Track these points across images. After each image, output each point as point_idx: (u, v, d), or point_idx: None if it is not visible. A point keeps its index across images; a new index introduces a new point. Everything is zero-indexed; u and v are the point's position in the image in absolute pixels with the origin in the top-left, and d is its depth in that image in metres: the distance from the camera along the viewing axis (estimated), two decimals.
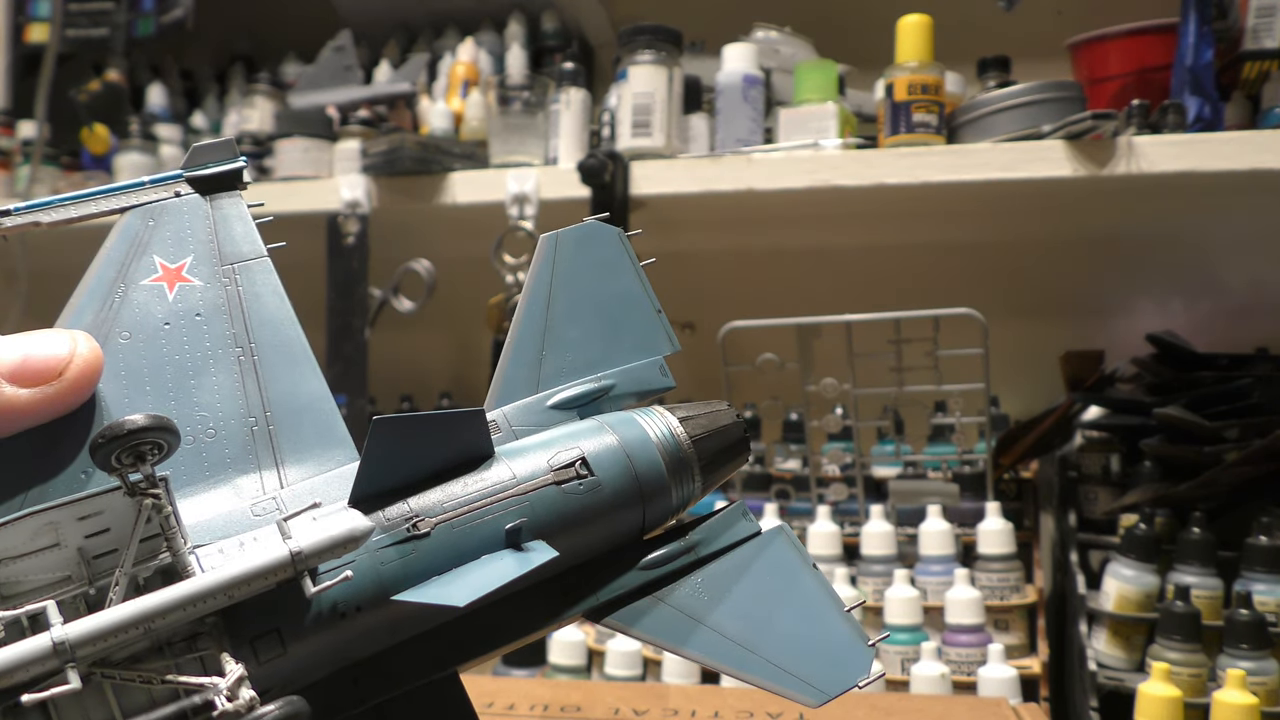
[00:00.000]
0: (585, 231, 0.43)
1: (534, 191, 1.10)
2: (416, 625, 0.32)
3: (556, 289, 0.42)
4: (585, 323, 0.41)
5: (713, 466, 0.38)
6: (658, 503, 0.37)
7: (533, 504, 0.34)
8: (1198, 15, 0.97)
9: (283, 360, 0.36)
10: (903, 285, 1.26)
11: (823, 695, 0.32)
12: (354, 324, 1.14)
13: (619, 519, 0.36)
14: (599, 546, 0.36)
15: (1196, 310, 1.20)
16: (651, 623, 0.35)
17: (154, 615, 0.26)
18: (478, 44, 1.32)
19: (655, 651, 0.92)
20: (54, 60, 1.28)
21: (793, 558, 0.38)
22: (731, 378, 1.00)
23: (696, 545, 0.37)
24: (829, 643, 0.35)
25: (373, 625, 0.31)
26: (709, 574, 0.36)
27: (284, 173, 1.20)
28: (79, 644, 0.25)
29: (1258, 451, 0.85)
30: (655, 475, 0.37)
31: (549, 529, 0.34)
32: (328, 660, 0.30)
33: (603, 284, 0.42)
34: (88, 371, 0.31)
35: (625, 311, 0.42)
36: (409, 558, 0.31)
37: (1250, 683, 0.73)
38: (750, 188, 1.05)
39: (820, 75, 1.08)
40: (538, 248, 0.43)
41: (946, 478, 1.00)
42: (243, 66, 1.49)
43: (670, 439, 0.37)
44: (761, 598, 0.36)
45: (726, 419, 0.39)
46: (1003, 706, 0.74)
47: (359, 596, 0.30)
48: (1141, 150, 0.96)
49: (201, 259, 0.37)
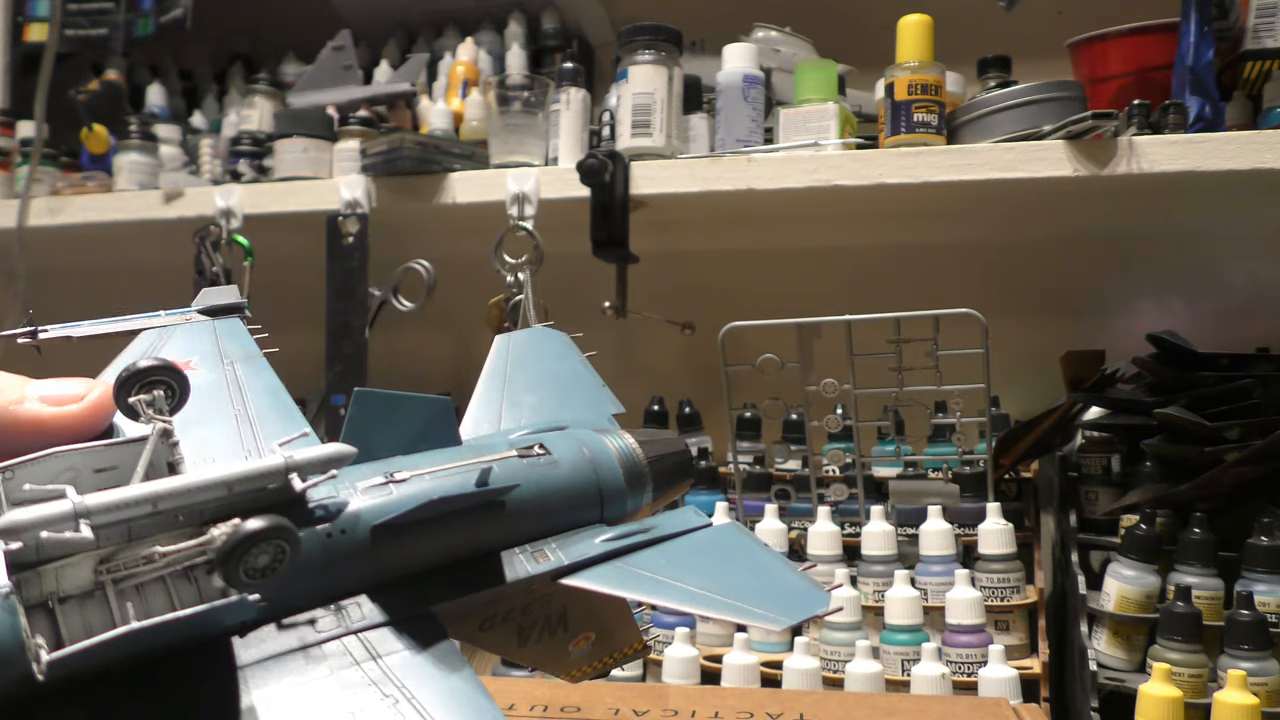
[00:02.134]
0: (536, 332, 0.49)
1: (534, 191, 1.09)
2: (396, 562, 0.33)
3: (512, 369, 0.46)
4: (540, 391, 0.45)
5: (663, 481, 0.42)
6: (614, 505, 0.40)
7: (498, 466, 0.37)
8: (1198, 15, 0.97)
9: (277, 416, 0.40)
10: (903, 285, 1.26)
11: (785, 621, 0.34)
12: (353, 324, 1.14)
13: (578, 500, 0.39)
14: (560, 520, 0.38)
15: (1197, 310, 1.20)
16: (614, 578, 0.37)
17: (160, 496, 0.28)
18: (477, 44, 1.32)
19: (655, 652, 0.91)
20: (53, 60, 1.28)
21: (746, 539, 0.41)
22: (731, 378, 1.00)
23: (652, 529, 0.39)
24: (787, 588, 0.37)
25: (354, 550, 0.32)
26: (666, 548, 0.39)
27: (283, 173, 1.20)
28: (95, 510, 0.27)
29: (1259, 451, 0.85)
30: (613, 478, 0.40)
31: (509, 489, 0.37)
32: (313, 584, 0.32)
33: (553, 365, 0.47)
34: (106, 398, 0.34)
35: (575, 383, 0.47)
36: (389, 497, 0.34)
37: (1251, 683, 0.73)
38: (750, 188, 1.05)
39: (820, 75, 1.07)
40: (494, 344, 0.48)
41: (947, 478, 1.00)
42: (242, 66, 1.49)
43: (627, 451, 0.41)
44: (719, 561, 0.39)
45: (678, 445, 0.44)
46: (1003, 707, 0.74)
47: (342, 521, 0.32)
48: (1142, 150, 0.96)
49: (205, 358, 0.42)
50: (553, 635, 0.40)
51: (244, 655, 0.30)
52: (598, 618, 0.41)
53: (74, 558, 0.28)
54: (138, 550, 0.29)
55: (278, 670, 0.29)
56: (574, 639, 0.40)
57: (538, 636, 0.39)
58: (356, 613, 0.32)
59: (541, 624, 0.39)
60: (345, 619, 0.32)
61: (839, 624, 0.89)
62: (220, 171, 1.28)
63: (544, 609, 0.39)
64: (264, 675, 0.29)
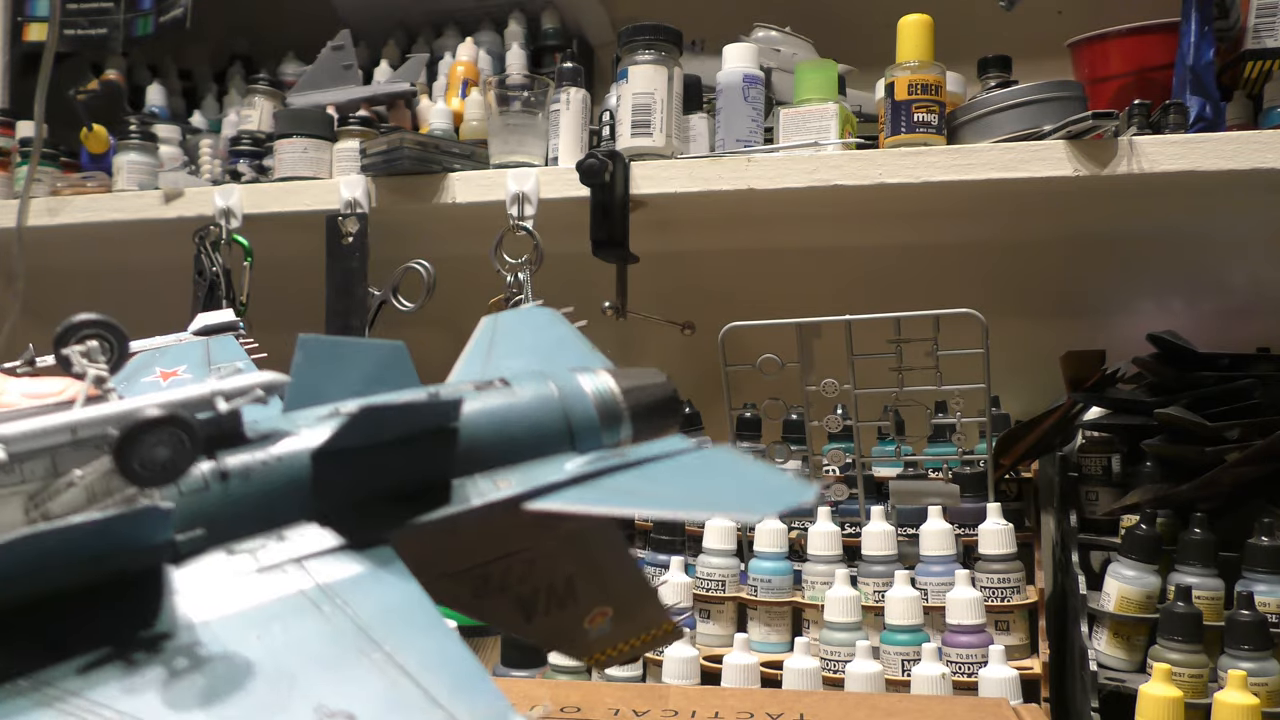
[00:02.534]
0: (524, 310, 0.48)
1: (534, 191, 1.09)
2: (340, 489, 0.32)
3: (498, 339, 0.45)
4: (523, 357, 0.43)
5: (643, 417, 0.39)
6: (586, 439, 0.38)
7: (446, 392, 0.35)
8: (1199, 15, 0.97)
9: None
10: (903, 285, 1.26)
11: (761, 511, 0.34)
12: (353, 324, 1.14)
13: (543, 431, 0.37)
14: (525, 452, 0.36)
15: (1198, 310, 1.19)
16: (585, 496, 0.35)
17: (80, 424, 0.27)
18: (477, 44, 1.32)
19: (655, 652, 0.91)
20: (53, 60, 1.28)
21: (735, 454, 0.39)
22: (731, 378, 1.00)
23: (629, 455, 0.37)
24: (769, 485, 0.35)
25: (294, 477, 0.31)
26: (644, 469, 0.37)
27: (283, 173, 1.20)
28: (13, 437, 0.27)
29: (1259, 451, 0.85)
30: (583, 411, 0.38)
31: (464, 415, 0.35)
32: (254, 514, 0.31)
33: (540, 335, 0.45)
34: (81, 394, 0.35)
35: (562, 346, 0.44)
36: (332, 426, 0.32)
37: (1252, 683, 0.73)
38: (750, 188, 1.05)
39: (820, 75, 1.07)
40: (480, 323, 0.46)
41: (947, 478, 1.00)
42: (242, 66, 1.49)
43: (600, 386, 0.39)
44: (700, 475, 0.37)
45: (658, 379, 0.41)
46: (1003, 707, 0.74)
47: (281, 447, 0.31)
48: (1143, 150, 0.96)
49: (195, 366, 0.43)
50: (561, 608, 0.37)
51: (181, 582, 0.29)
52: (610, 589, 0.39)
53: (3, 493, 0.28)
54: (60, 481, 0.28)
55: (213, 595, 0.29)
56: (588, 614, 0.38)
57: (545, 608, 0.37)
58: (300, 541, 0.31)
59: (546, 594, 0.38)
60: (286, 547, 0.30)
61: (839, 624, 0.89)
62: (220, 171, 1.28)
63: (546, 575, 0.37)
64: (198, 600, 0.28)
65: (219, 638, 0.27)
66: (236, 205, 1.19)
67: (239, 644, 0.27)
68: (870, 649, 0.85)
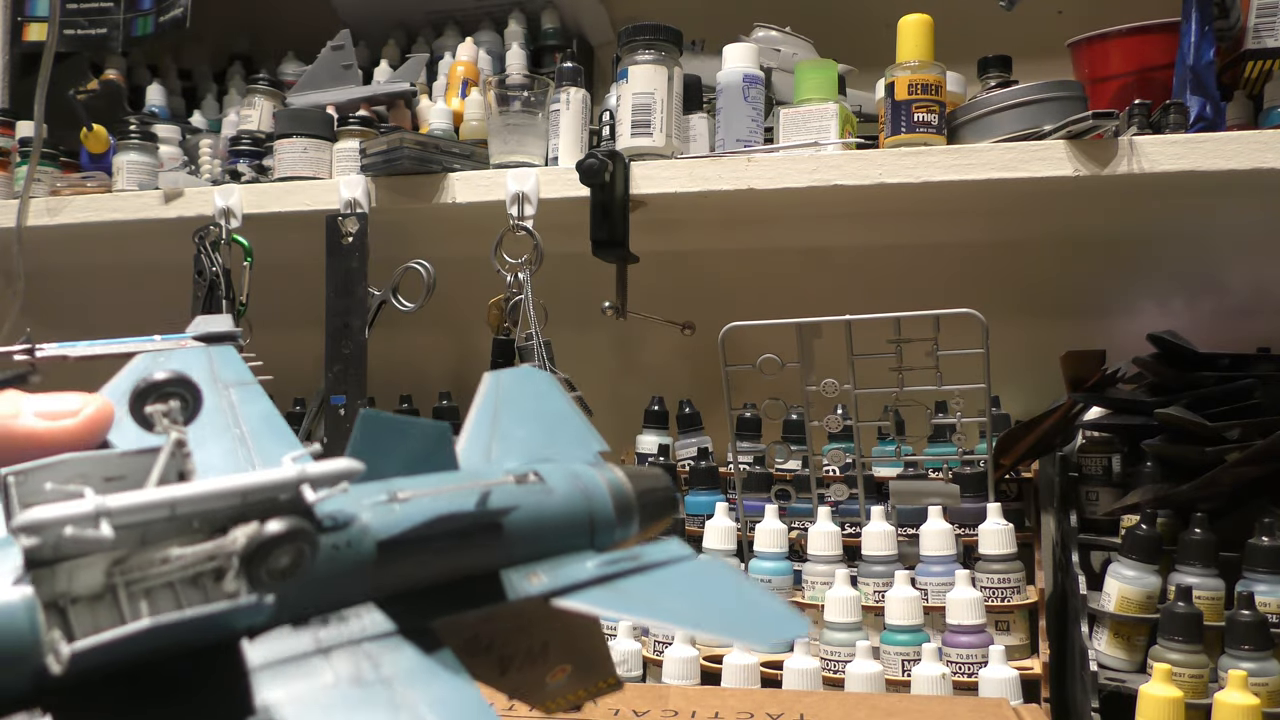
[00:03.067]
0: (523, 371, 0.50)
1: (534, 191, 1.09)
2: (399, 577, 0.34)
3: (501, 405, 0.47)
4: (528, 425, 0.46)
5: (649, 515, 0.43)
6: (604, 534, 0.41)
7: (495, 490, 0.38)
8: (1199, 14, 0.97)
9: (273, 440, 0.41)
10: (903, 285, 1.26)
11: (768, 640, 0.36)
12: (353, 324, 1.14)
13: (571, 527, 0.40)
14: (552, 546, 0.39)
15: (1198, 310, 1.19)
16: (604, 599, 0.37)
17: (179, 501, 0.28)
18: (477, 44, 1.32)
19: (655, 653, 0.91)
20: (52, 60, 1.28)
21: (727, 569, 0.42)
22: (731, 378, 1.00)
23: (640, 557, 0.40)
24: (768, 613, 0.38)
25: (359, 563, 0.33)
26: (654, 574, 0.39)
27: (283, 172, 1.19)
28: (116, 511, 0.27)
29: (1260, 451, 0.84)
30: (603, 508, 0.41)
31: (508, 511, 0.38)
32: (319, 594, 0.32)
33: (541, 404, 0.48)
34: (102, 413, 0.35)
35: (562, 421, 0.48)
36: (393, 514, 0.34)
37: (1252, 684, 0.73)
38: (750, 187, 1.05)
39: (820, 75, 1.07)
40: (482, 381, 0.48)
41: (947, 478, 1.00)
42: (242, 66, 1.49)
43: (617, 483, 0.42)
44: (706, 588, 0.40)
45: (664, 481, 0.45)
46: (1004, 707, 0.74)
47: (349, 534, 0.33)
48: (1143, 150, 0.96)
49: (201, 382, 0.41)
50: (533, 666, 0.41)
51: (253, 658, 0.30)
52: (576, 650, 0.42)
53: (87, 558, 0.28)
54: (151, 553, 0.29)
55: (285, 674, 0.30)
56: (552, 671, 0.41)
57: (519, 666, 0.40)
58: (358, 624, 0.32)
59: (524, 654, 0.40)
60: (349, 628, 0.32)
61: (839, 624, 0.89)
62: (220, 171, 1.28)
63: (527, 639, 0.40)
64: (272, 678, 0.30)
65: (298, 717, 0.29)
66: (236, 205, 1.19)
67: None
68: (870, 649, 0.85)
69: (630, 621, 0.37)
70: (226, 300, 1.19)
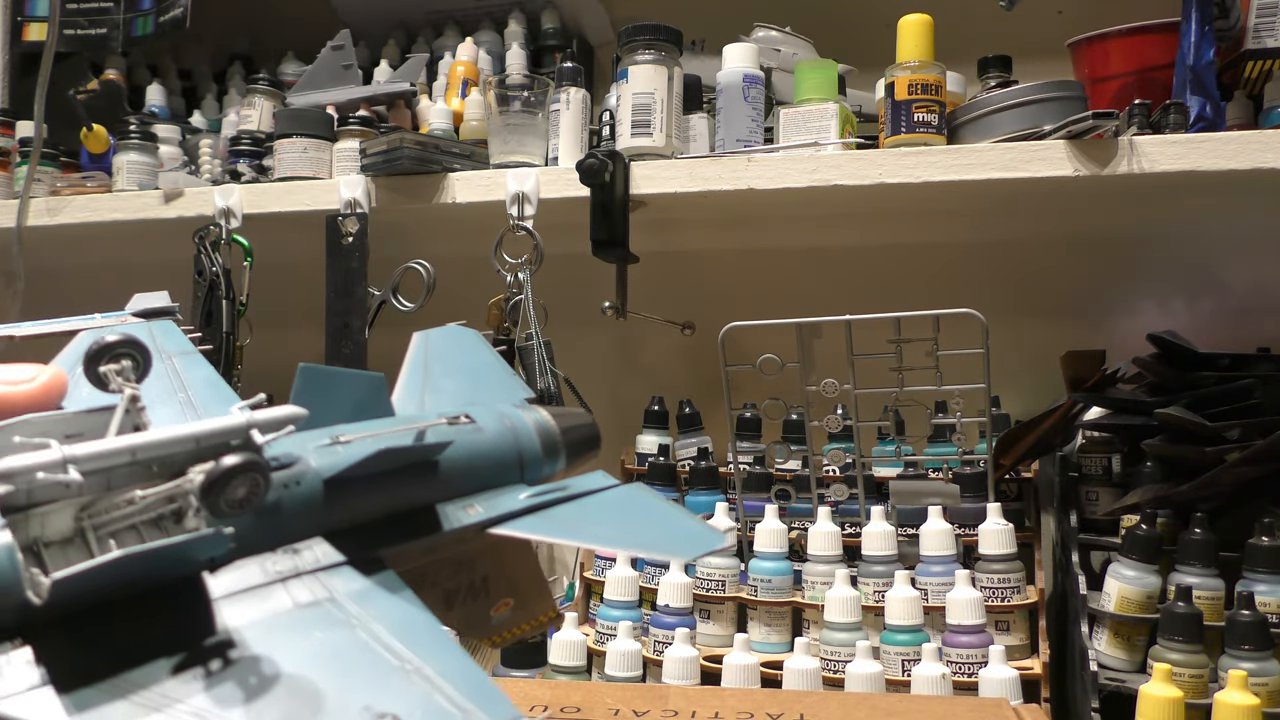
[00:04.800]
0: (451, 330, 0.53)
1: (534, 191, 1.09)
2: (345, 512, 0.37)
3: (431, 360, 0.51)
4: (457, 378, 0.50)
5: (574, 451, 0.47)
6: (533, 469, 0.44)
7: (430, 431, 0.41)
8: (1199, 14, 0.97)
9: (218, 402, 0.43)
10: (903, 285, 1.26)
11: (686, 554, 0.41)
12: (353, 324, 1.14)
13: (501, 463, 0.43)
14: (486, 481, 0.42)
15: (1198, 310, 1.19)
16: (536, 526, 0.41)
17: (139, 447, 0.31)
18: (477, 44, 1.32)
19: (655, 653, 0.91)
20: (52, 60, 1.28)
21: (650, 495, 0.45)
22: (731, 378, 1.00)
23: (568, 488, 0.43)
24: (688, 531, 0.42)
25: (308, 500, 0.35)
26: (583, 503, 0.43)
27: (283, 172, 1.19)
28: (81, 458, 0.30)
29: (1260, 451, 0.84)
30: (531, 445, 0.44)
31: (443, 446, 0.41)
32: (273, 531, 0.35)
33: (468, 357, 0.52)
34: (56, 379, 0.37)
35: (489, 371, 0.51)
36: (337, 455, 0.37)
37: (1252, 684, 0.73)
38: (750, 188, 1.05)
39: (820, 75, 1.07)
40: (412, 340, 0.52)
41: (947, 478, 1.00)
42: (242, 66, 1.49)
43: (543, 422, 0.46)
44: (630, 512, 0.43)
45: (587, 419, 0.48)
46: (1004, 707, 0.74)
47: (296, 472, 0.36)
48: (1143, 150, 0.96)
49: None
50: (475, 599, 0.44)
51: (214, 589, 0.32)
52: (516, 585, 0.45)
53: (57, 504, 0.30)
54: (116, 497, 0.31)
55: (245, 601, 0.32)
56: (495, 604, 0.45)
57: (463, 600, 0.43)
58: (310, 555, 0.35)
59: (466, 589, 0.43)
60: (301, 559, 0.34)
61: (839, 624, 0.89)
62: (220, 171, 1.28)
63: (469, 574, 0.43)
64: (233, 606, 0.32)
65: (264, 642, 0.31)
66: (236, 205, 1.19)
67: (284, 648, 0.31)
68: (870, 649, 0.85)
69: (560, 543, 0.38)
70: (226, 300, 1.19)
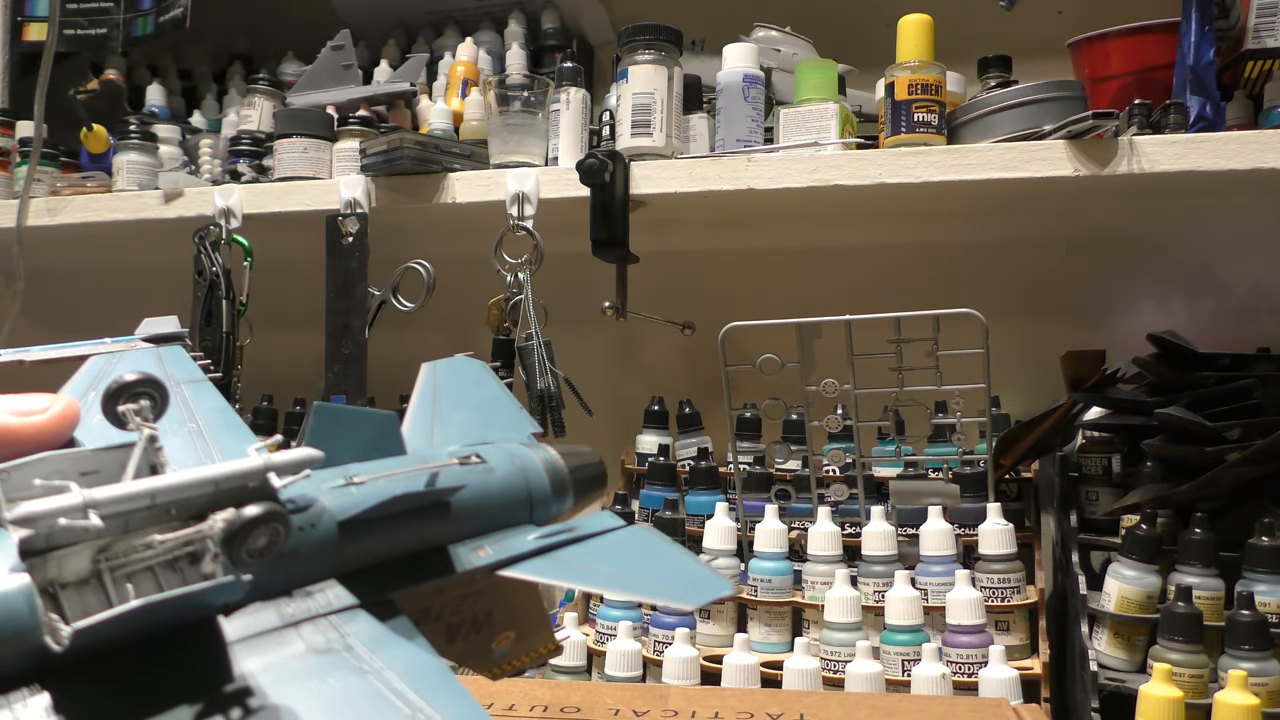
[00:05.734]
0: (458, 361, 0.54)
1: (534, 191, 1.09)
2: (358, 554, 0.37)
3: (440, 391, 0.51)
4: (465, 410, 0.50)
5: (582, 490, 0.47)
6: (541, 508, 0.44)
7: (442, 472, 0.41)
8: (1199, 14, 0.97)
9: (228, 433, 0.43)
10: (903, 285, 1.26)
11: (693, 602, 0.39)
12: (353, 324, 1.14)
13: (511, 503, 0.43)
14: (496, 521, 0.42)
15: (1198, 310, 1.19)
16: (544, 569, 0.41)
17: (158, 491, 0.31)
18: (477, 44, 1.32)
19: (655, 653, 0.91)
20: (52, 60, 1.28)
21: (656, 537, 0.45)
22: (731, 378, 1.00)
23: (575, 529, 0.43)
24: (694, 576, 0.42)
25: (322, 543, 0.36)
26: (588, 544, 0.43)
27: (283, 172, 1.19)
28: (101, 502, 0.30)
29: (1260, 451, 0.84)
30: (540, 485, 0.44)
31: (455, 490, 0.41)
32: (287, 573, 0.35)
33: (476, 389, 0.52)
34: (69, 409, 0.37)
35: (496, 405, 0.52)
36: (351, 497, 0.37)
37: (1252, 684, 0.73)
38: (750, 188, 1.05)
39: (820, 75, 1.07)
40: (420, 372, 0.52)
41: (947, 478, 1.00)
42: (242, 66, 1.49)
43: (552, 461, 0.46)
44: (636, 555, 0.43)
45: (595, 458, 0.49)
46: (1004, 707, 0.74)
47: (312, 515, 0.36)
48: (1143, 150, 0.96)
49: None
50: (478, 633, 0.44)
51: (229, 632, 0.32)
52: (518, 619, 0.46)
53: (75, 547, 0.30)
54: (133, 540, 0.31)
55: (259, 646, 0.32)
56: (497, 637, 0.45)
57: (465, 635, 0.44)
58: (323, 598, 0.35)
59: (469, 623, 0.44)
60: (315, 602, 0.35)
61: (839, 624, 0.89)
62: (220, 171, 1.28)
63: (472, 608, 0.43)
64: (248, 650, 0.32)
65: (279, 688, 0.31)
66: (236, 205, 1.19)
67: (299, 695, 0.31)
68: (870, 649, 0.85)
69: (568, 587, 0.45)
70: (226, 300, 1.19)
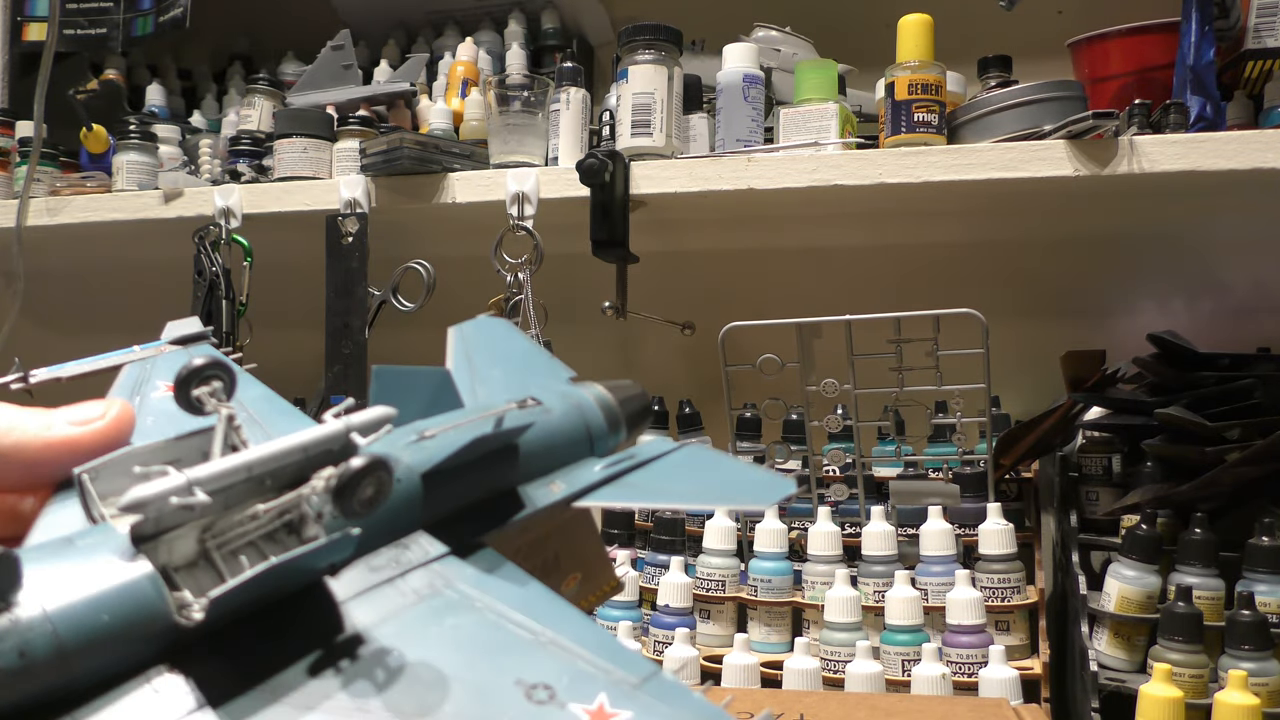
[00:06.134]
0: (482, 321, 0.55)
1: (534, 191, 1.09)
2: (443, 503, 0.38)
3: (473, 351, 0.52)
4: (502, 365, 0.51)
5: (632, 421, 0.48)
6: (600, 442, 0.45)
7: (505, 416, 0.41)
8: (1199, 14, 0.97)
9: (280, 416, 0.44)
10: (903, 285, 1.26)
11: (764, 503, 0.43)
12: (353, 324, 1.14)
13: (573, 440, 0.44)
14: (561, 458, 0.43)
15: (1198, 310, 1.19)
16: (617, 494, 0.42)
17: (253, 463, 0.31)
18: (477, 44, 1.32)
19: (655, 653, 0.91)
20: (52, 59, 1.28)
21: (715, 452, 0.47)
22: (731, 378, 1.00)
23: (636, 455, 0.45)
24: (758, 481, 0.44)
25: (410, 496, 0.36)
26: (653, 468, 0.44)
27: (283, 172, 1.19)
28: (204, 480, 0.30)
29: (1260, 451, 0.84)
30: (596, 420, 0.46)
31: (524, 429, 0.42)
32: (381, 528, 0.35)
33: (506, 344, 0.54)
34: (125, 413, 0.37)
35: (530, 356, 0.53)
36: (427, 450, 0.38)
37: (1252, 684, 0.73)
38: (750, 188, 1.05)
39: (820, 75, 1.07)
40: (448, 336, 0.53)
41: (947, 478, 1.00)
42: (241, 66, 1.49)
43: (603, 396, 0.47)
44: (699, 471, 0.45)
45: (639, 389, 0.50)
46: (1004, 707, 0.74)
47: (398, 472, 0.36)
48: (1143, 150, 0.96)
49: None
50: (548, 578, 0.44)
51: (338, 593, 0.32)
52: (583, 559, 0.47)
53: (182, 529, 0.30)
54: (234, 515, 0.31)
55: (370, 600, 0.33)
56: (565, 580, 0.46)
57: (538, 578, 0.43)
58: (418, 549, 0.35)
59: (540, 570, 0.44)
60: (411, 554, 0.35)
61: (839, 624, 0.89)
62: (219, 171, 1.28)
63: (540, 554, 0.44)
64: (359, 606, 0.32)
65: (400, 636, 0.31)
66: (236, 205, 1.19)
67: (420, 640, 0.31)
68: (870, 649, 0.85)
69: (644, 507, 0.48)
70: (226, 300, 1.19)
